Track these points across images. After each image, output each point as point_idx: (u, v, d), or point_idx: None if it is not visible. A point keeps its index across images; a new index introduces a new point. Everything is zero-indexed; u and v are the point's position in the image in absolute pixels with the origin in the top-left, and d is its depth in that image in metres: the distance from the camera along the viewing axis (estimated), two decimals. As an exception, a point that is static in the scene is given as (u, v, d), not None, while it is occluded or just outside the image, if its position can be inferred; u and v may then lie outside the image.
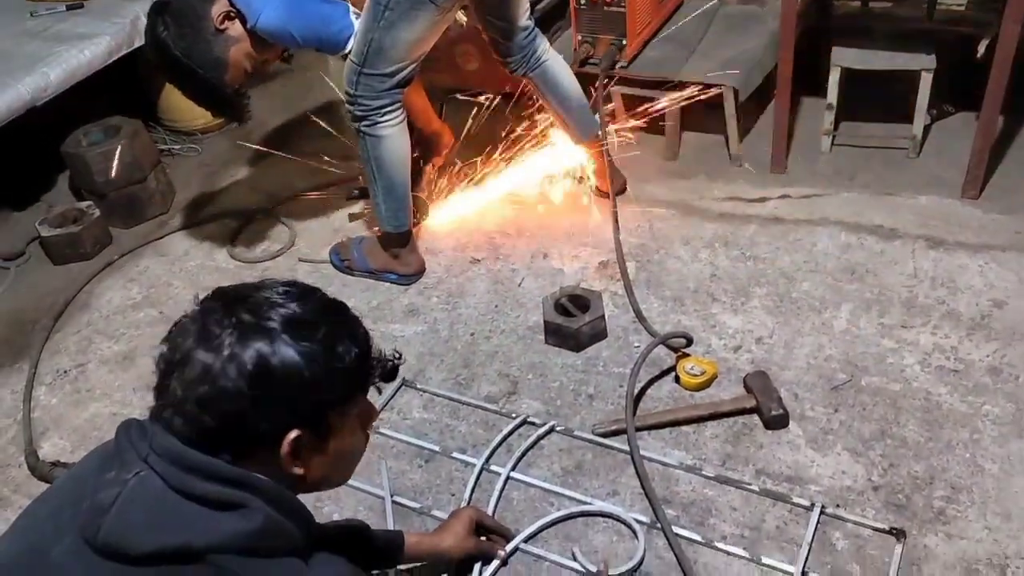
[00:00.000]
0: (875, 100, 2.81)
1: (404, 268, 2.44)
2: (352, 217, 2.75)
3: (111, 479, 0.96)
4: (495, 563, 1.65)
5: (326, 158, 2.83)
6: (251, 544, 0.94)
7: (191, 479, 0.94)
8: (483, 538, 1.65)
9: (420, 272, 2.46)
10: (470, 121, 2.81)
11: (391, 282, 2.45)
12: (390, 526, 1.75)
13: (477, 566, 1.65)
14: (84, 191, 2.90)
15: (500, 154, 2.78)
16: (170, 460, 0.95)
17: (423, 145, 2.65)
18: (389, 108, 2.18)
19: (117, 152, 2.77)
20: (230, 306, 1.00)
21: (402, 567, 1.59)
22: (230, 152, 3.25)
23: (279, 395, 0.97)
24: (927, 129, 2.67)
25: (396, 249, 2.41)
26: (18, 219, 2.99)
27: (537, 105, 2.63)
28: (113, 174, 2.77)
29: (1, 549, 1.00)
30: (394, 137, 2.23)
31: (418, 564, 1.61)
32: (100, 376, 2.28)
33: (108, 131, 2.87)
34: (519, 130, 2.78)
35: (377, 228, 2.43)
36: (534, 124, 2.76)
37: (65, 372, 2.31)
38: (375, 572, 1.55)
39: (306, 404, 1.00)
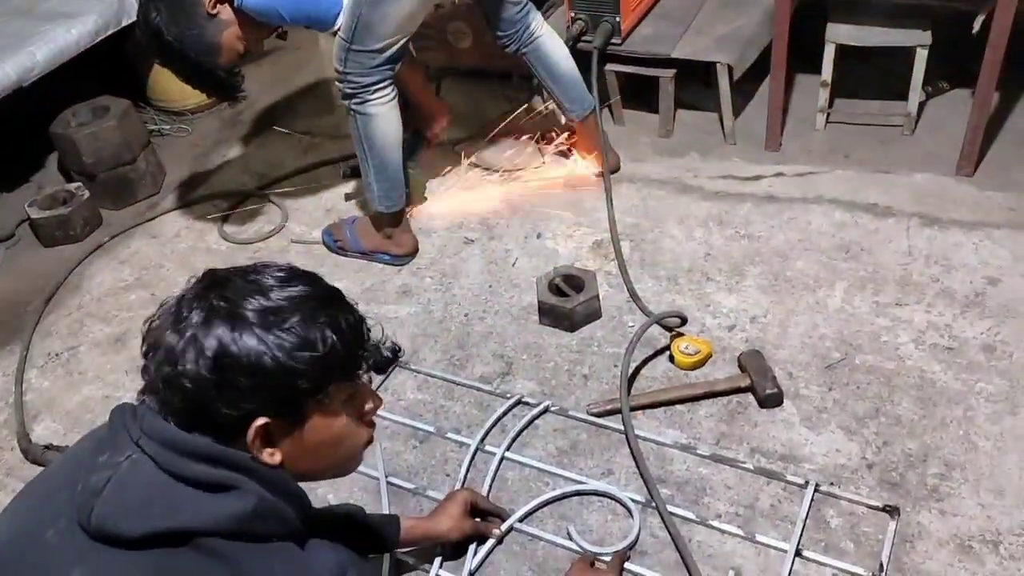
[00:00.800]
0: (870, 77, 2.80)
1: (397, 248, 2.43)
2: (347, 197, 2.73)
3: (104, 462, 0.95)
4: (490, 542, 1.65)
5: (317, 137, 2.81)
6: (243, 527, 0.93)
7: (182, 461, 0.93)
8: (477, 519, 1.65)
9: (413, 253, 2.45)
10: (465, 100, 2.79)
11: (384, 263, 2.44)
12: (385, 507, 1.75)
13: (472, 546, 1.65)
14: (73, 172, 2.87)
15: (494, 132, 2.76)
16: (160, 442, 0.94)
17: (422, 123, 2.63)
18: (379, 85, 2.15)
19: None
20: (207, 290, 0.98)
21: (400, 551, 1.59)
22: (220, 132, 3.23)
23: (240, 382, 0.95)
24: (922, 106, 2.66)
25: (389, 229, 2.40)
26: (6, 200, 2.96)
27: (534, 83, 2.62)
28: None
29: (0, 530, 0.99)
30: (385, 115, 2.20)
31: (414, 547, 1.61)
32: (92, 359, 2.26)
33: (97, 111, 2.83)
34: (514, 108, 2.77)
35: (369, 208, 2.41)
36: (529, 102, 2.74)
37: (57, 355, 2.30)
38: (371, 556, 1.55)
39: (271, 391, 0.97)
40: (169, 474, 0.93)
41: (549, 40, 2.41)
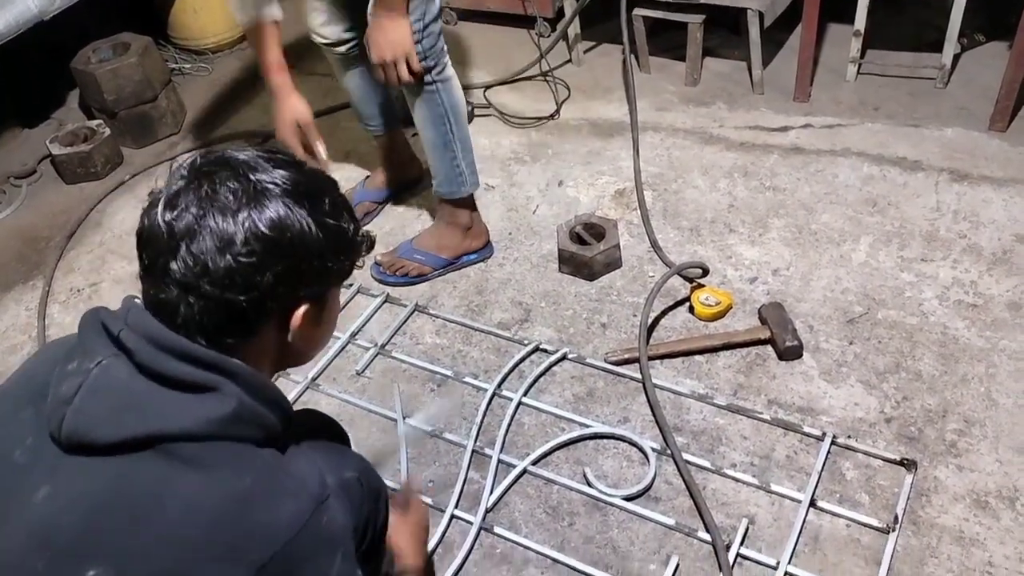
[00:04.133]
0: (904, 27, 2.73)
1: (477, 241, 2.21)
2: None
3: (73, 369, 0.88)
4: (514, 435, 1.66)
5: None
6: (221, 430, 0.87)
7: (163, 358, 0.87)
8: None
9: (489, 238, 2.25)
10: (489, 44, 2.74)
11: (471, 263, 2.22)
12: (402, 447, 1.76)
13: (488, 483, 1.67)
14: (94, 109, 2.86)
15: (516, 77, 2.72)
16: (144, 336, 0.87)
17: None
18: (444, 46, 1.95)
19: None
20: (234, 168, 0.91)
21: None
22: (241, 72, 3.20)
23: (298, 265, 0.91)
24: (956, 58, 2.59)
25: (469, 216, 2.17)
26: (28, 137, 2.96)
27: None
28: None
29: None
30: (455, 76, 2.00)
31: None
32: (114, 295, 2.28)
33: (117, 48, 2.82)
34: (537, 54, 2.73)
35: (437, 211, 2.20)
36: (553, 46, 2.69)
37: (79, 290, 2.31)
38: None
39: (319, 275, 0.95)
40: (146, 373, 0.87)
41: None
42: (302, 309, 0.95)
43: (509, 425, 1.80)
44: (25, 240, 2.53)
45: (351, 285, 2.18)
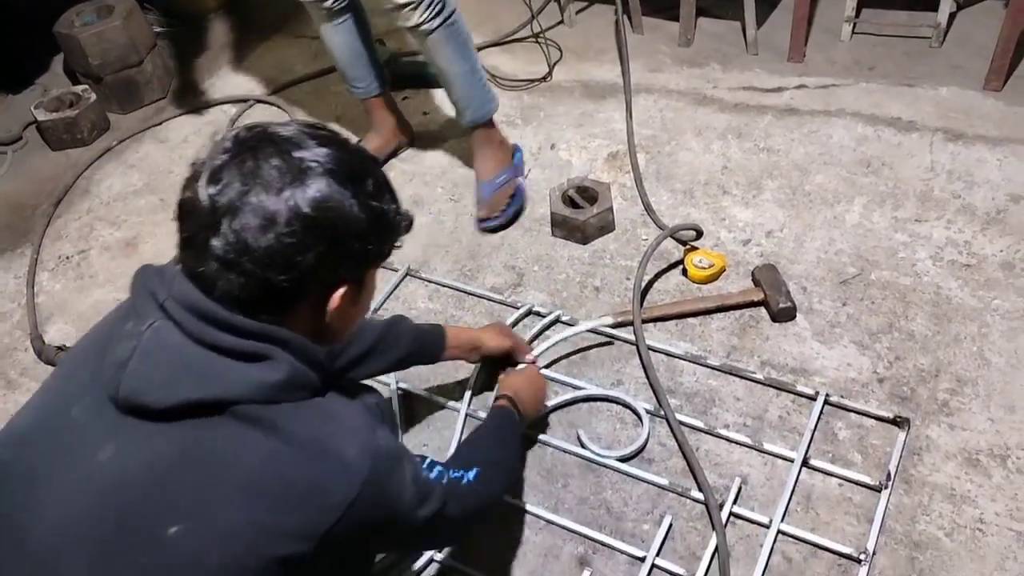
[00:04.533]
0: (900, -15, 2.70)
1: (509, 145, 2.29)
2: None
3: (128, 331, 0.90)
4: (522, 365, 1.73)
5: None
6: (277, 395, 0.90)
7: (209, 330, 0.88)
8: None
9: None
10: (480, 5, 2.70)
11: (520, 164, 2.31)
12: (397, 412, 1.76)
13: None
14: (79, 74, 2.82)
15: (507, 38, 2.69)
16: (187, 308, 0.89)
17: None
18: None
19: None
20: (278, 144, 0.91)
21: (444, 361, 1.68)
22: (227, 36, 3.14)
23: (339, 246, 0.92)
24: (952, 17, 2.56)
25: (497, 129, 2.24)
26: (12, 103, 2.92)
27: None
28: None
29: (25, 415, 0.98)
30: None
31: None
32: (103, 262, 2.26)
33: (101, 11, 2.76)
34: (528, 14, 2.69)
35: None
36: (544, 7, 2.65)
37: (68, 258, 2.29)
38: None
39: (359, 257, 0.96)
40: (196, 342, 0.89)
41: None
42: (341, 290, 0.96)
43: (503, 388, 1.79)
44: (12, 207, 2.50)
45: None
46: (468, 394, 1.78)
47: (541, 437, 1.70)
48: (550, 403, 1.74)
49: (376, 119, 2.37)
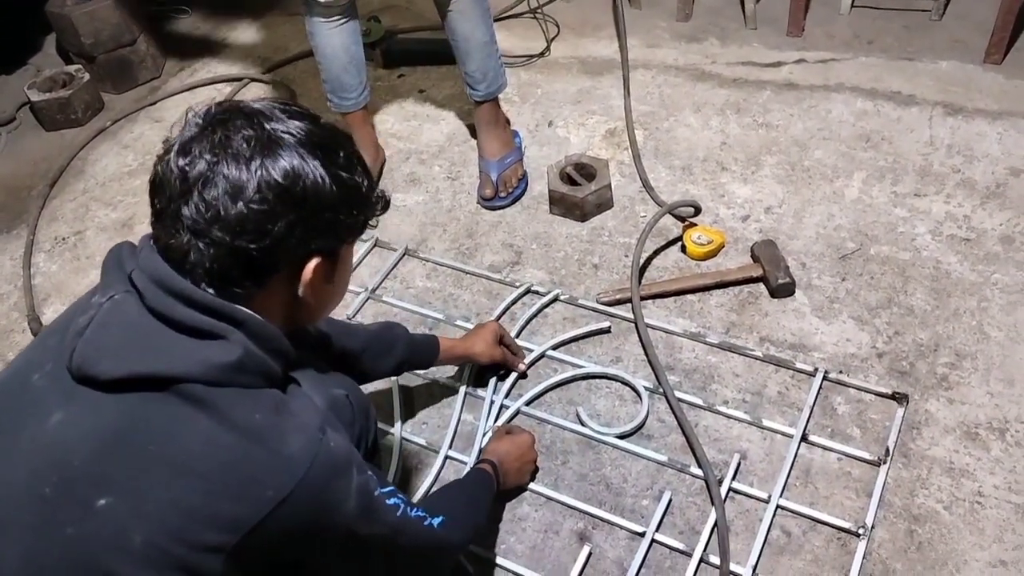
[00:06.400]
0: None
1: (512, 134, 2.30)
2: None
3: (94, 302, 0.91)
4: (514, 375, 1.76)
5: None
6: (225, 377, 0.89)
7: (171, 302, 0.88)
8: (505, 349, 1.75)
9: None
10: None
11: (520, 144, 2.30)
12: (395, 394, 1.76)
13: (492, 380, 1.75)
14: (72, 54, 2.80)
15: (504, 14, 2.66)
16: (153, 279, 0.89)
17: None
18: None
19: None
20: (249, 117, 0.91)
21: (435, 368, 1.70)
22: (221, 14, 3.12)
23: (309, 216, 0.91)
24: (953, -10, 2.55)
25: (501, 107, 2.24)
26: (5, 83, 2.90)
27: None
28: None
29: None
30: None
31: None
32: (99, 243, 2.25)
33: (93, -10, 2.73)
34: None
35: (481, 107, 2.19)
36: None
37: (64, 239, 2.28)
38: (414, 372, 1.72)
39: (331, 229, 0.95)
40: (154, 314, 0.88)
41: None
42: (313, 263, 0.95)
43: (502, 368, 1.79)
44: (7, 189, 2.48)
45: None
46: (468, 371, 1.77)
47: (540, 414, 1.70)
48: (551, 380, 1.74)
49: (361, 135, 2.23)
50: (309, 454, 0.90)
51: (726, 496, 1.52)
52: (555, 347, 1.81)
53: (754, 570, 1.41)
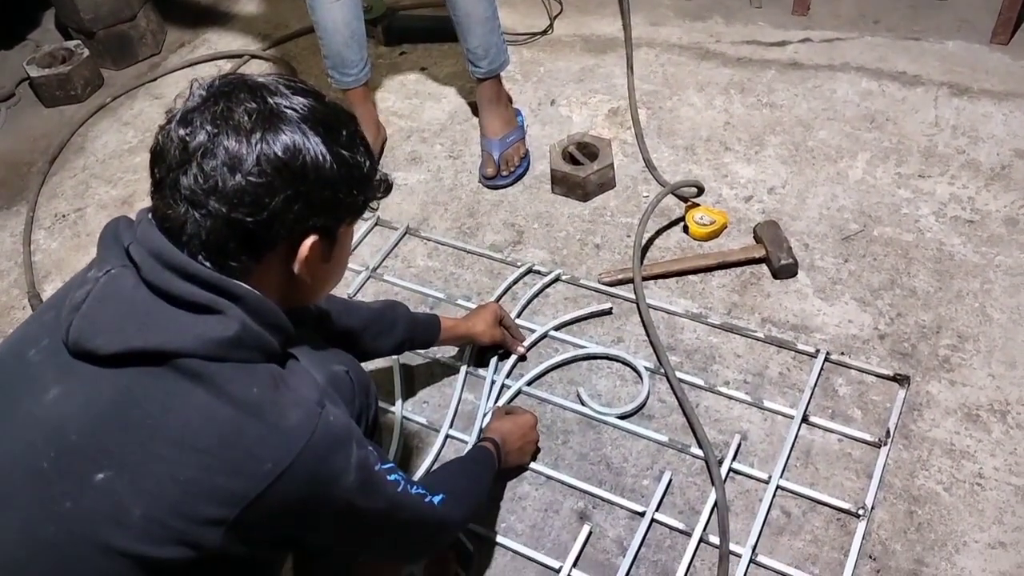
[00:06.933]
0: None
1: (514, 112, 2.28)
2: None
3: (89, 277, 0.91)
4: (513, 358, 1.76)
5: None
6: (223, 351, 0.88)
7: (168, 276, 0.88)
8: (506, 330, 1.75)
9: None
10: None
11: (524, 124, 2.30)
12: (396, 373, 1.76)
13: (493, 360, 1.75)
14: (71, 30, 2.77)
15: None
16: (151, 252, 0.89)
17: None
18: None
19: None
20: (253, 90, 0.91)
21: (436, 348, 1.70)
22: (222, -10, 3.09)
23: (308, 192, 0.91)
24: (960, -31, 2.52)
25: (503, 85, 2.23)
26: (4, 58, 2.88)
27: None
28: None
29: None
30: None
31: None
32: (99, 220, 2.24)
33: (92, -36, 2.71)
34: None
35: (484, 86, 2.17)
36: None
37: (64, 216, 2.27)
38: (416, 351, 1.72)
39: (329, 207, 0.94)
40: (151, 288, 0.88)
41: None
42: (310, 240, 0.95)
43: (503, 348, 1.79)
44: (7, 165, 2.47)
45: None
46: (469, 350, 1.77)
47: (541, 394, 1.70)
48: (552, 360, 1.74)
49: (362, 113, 2.18)
50: (308, 427, 0.90)
51: (726, 476, 1.52)
52: (557, 328, 1.81)
53: (753, 550, 1.42)
